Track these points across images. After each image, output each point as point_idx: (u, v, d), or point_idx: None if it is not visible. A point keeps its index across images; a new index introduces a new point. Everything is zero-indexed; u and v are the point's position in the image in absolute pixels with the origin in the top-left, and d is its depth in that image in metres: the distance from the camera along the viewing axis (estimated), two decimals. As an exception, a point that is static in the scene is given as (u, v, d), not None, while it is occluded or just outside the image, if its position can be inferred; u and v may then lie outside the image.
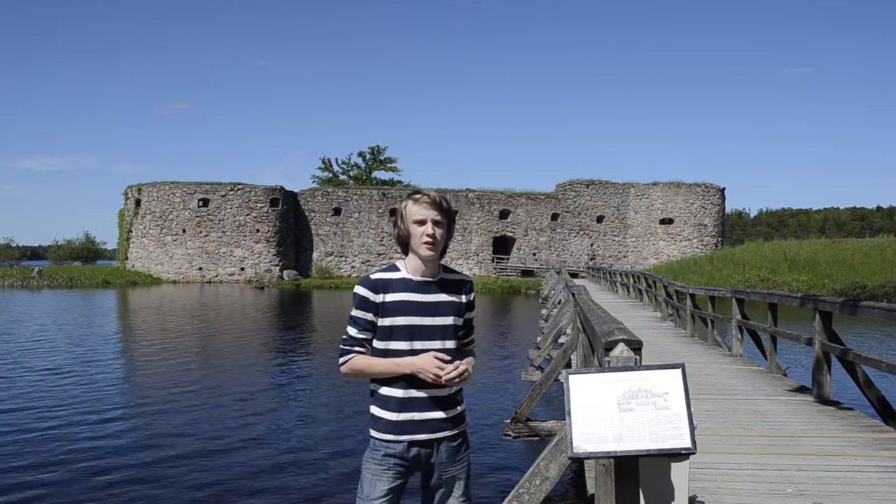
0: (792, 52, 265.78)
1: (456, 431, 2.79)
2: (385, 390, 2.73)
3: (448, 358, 2.69)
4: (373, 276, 2.76)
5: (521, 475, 3.40)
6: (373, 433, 2.77)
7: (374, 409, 2.78)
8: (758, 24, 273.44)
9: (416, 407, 2.71)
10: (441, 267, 2.84)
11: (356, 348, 2.73)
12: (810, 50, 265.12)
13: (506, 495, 3.34)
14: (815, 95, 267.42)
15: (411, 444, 2.71)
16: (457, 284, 2.83)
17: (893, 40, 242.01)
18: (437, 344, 2.73)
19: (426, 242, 2.68)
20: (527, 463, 7.15)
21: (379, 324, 2.71)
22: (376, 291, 2.72)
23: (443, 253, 2.80)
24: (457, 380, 2.66)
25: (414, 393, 2.71)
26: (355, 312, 2.74)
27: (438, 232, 2.70)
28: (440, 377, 2.64)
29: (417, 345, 2.71)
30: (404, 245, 2.77)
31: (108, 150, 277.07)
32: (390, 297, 2.71)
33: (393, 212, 58.74)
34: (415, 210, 2.71)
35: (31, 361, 15.14)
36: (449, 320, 2.76)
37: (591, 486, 4.68)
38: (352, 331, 2.73)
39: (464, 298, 2.82)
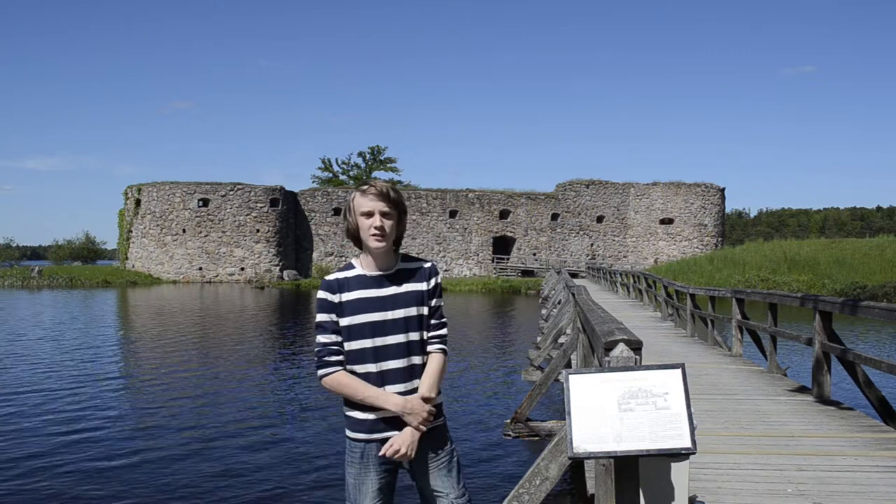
0: (794, 52, 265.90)
1: (431, 426, 2.71)
2: None
3: (433, 410, 2.69)
4: (329, 277, 2.73)
5: (521, 475, 3.40)
6: (348, 433, 2.73)
7: (347, 409, 2.73)
8: (759, 23, 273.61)
9: None
10: (399, 257, 2.78)
11: (332, 358, 2.66)
12: (813, 49, 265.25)
13: (506, 495, 3.34)
14: (818, 95, 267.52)
15: (384, 442, 2.65)
16: (416, 272, 2.75)
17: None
18: (402, 338, 2.67)
19: (374, 235, 2.64)
20: (527, 463, 7.15)
21: (341, 324, 2.66)
22: (333, 291, 2.69)
23: (397, 244, 2.74)
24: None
25: (385, 389, 2.66)
26: (320, 317, 2.68)
27: (387, 224, 2.65)
28: (425, 427, 2.65)
29: (380, 341, 2.65)
30: (356, 239, 2.73)
31: (108, 150, 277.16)
32: (346, 295, 2.67)
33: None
34: (362, 202, 2.66)
35: (29, 363, 15.14)
36: (412, 311, 2.70)
37: (591, 486, 4.68)
38: (321, 338, 2.67)
39: (424, 286, 2.73)
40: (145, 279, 53.41)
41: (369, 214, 2.64)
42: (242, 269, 55.33)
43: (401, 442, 2.61)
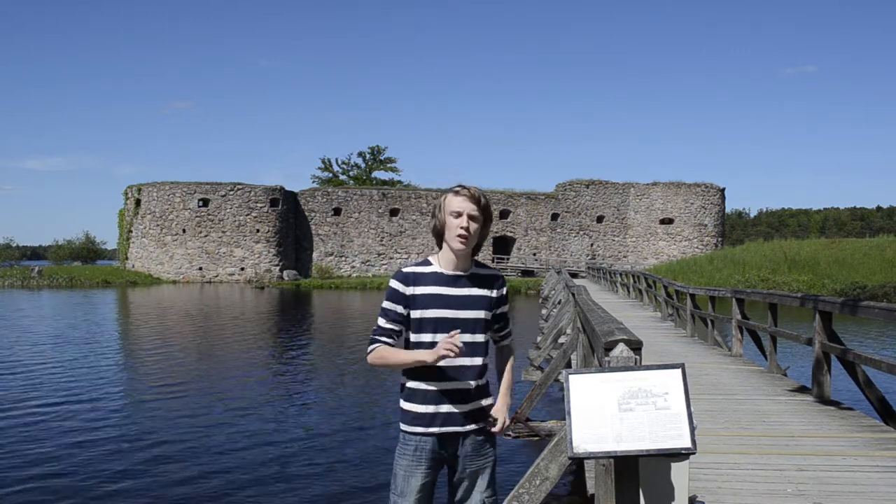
0: (794, 52, 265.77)
1: (482, 426, 2.82)
2: (412, 383, 2.78)
3: (460, 345, 2.66)
4: (405, 269, 2.82)
5: (521, 475, 3.40)
6: (402, 427, 2.81)
7: (403, 403, 2.82)
8: (760, 22, 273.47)
9: (443, 400, 2.75)
10: (473, 262, 2.89)
11: (383, 338, 2.76)
12: (813, 49, 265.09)
13: (506, 495, 3.34)
14: (818, 95, 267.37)
15: (440, 437, 2.74)
16: (487, 279, 2.87)
17: None
18: (467, 337, 2.76)
19: (459, 235, 2.74)
20: (527, 463, 7.15)
21: (410, 316, 2.76)
22: (407, 283, 2.77)
23: (476, 249, 2.85)
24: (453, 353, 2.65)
25: (441, 386, 2.75)
26: (386, 304, 2.78)
27: (473, 226, 2.76)
28: (452, 348, 2.61)
29: (440, 337, 2.73)
30: (439, 237, 2.83)
31: (108, 150, 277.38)
32: (420, 289, 2.76)
33: (393, 212, 58.77)
34: (454, 202, 2.77)
35: (29, 364, 15.13)
36: (480, 314, 2.81)
37: (591, 486, 4.68)
38: (381, 321, 2.79)
39: (494, 293, 2.87)
40: (145, 279, 53.40)
41: (458, 214, 2.75)
42: (242, 269, 55.32)
43: (452, 340, 2.62)
